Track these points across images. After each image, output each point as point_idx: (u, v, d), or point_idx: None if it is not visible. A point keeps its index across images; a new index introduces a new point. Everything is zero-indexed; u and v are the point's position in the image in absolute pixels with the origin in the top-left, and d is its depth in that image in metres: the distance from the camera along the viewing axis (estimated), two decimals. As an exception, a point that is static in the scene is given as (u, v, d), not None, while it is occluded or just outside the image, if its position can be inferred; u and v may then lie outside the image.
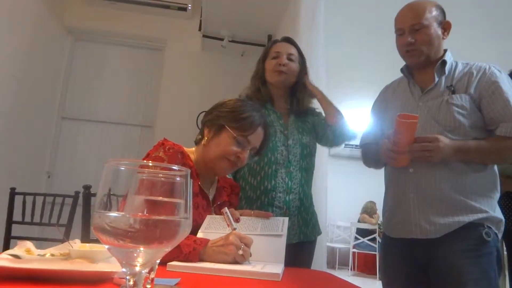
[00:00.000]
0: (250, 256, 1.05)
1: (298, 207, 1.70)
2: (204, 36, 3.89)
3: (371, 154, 1.66)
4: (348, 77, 5.26)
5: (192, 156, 1.32)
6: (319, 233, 1.83)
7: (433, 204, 1.39)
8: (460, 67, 1.50)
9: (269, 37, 3.76)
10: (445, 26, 1.51)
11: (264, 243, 1.15)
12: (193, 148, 1.38)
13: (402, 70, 1.62)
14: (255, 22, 3.62)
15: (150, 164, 0.44)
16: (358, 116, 6.83)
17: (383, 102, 1.69)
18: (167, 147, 1.22)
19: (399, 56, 1.60)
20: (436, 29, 1.48)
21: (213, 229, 1.19)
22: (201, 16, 3.72)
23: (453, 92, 1.44)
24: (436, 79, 1.49)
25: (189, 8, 4.08)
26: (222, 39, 3.82)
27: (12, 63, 3.23)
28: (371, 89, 6.48)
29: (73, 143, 4.06)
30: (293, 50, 1.81)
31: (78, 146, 4.05)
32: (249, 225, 1.23)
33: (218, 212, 1.35)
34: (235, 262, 1.01)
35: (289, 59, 1.78)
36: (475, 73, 1.45)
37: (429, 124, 1.42)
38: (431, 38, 1.46)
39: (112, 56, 4.27)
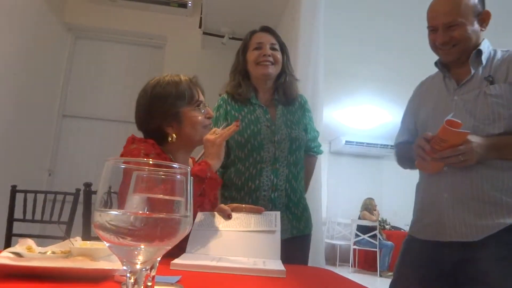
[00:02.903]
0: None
1: (286, 203, 1.66)
2: (204, 33, 3.88)
3: (404, 154, 1.56)
4: (348, 74, 5.25)
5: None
6: (312, 226, 1.78)
7: (470, 204, 1.29)
8: (499, 55, 1.38)
9: (270, 34, 3.75)
10: (484, 17, 1.38)
11: (259, 240, 1.15)
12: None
13: (436, 64, 1.50)
14: (256, 19, 3.59)
15: (151, 162, 0.44)
16: (358, 114, 6.86)
17: (416, 99, 1.59)
18: (139, 141, 1.25)
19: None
20: (473, 24, 1.35)
21: (205, 226, 1.19)
22: (201, 13, 3.71)
23: (492, 83, 1.32)
24: (472, 70, 1.37)
25: (189, 5, 4.07)
26: (222, 36, 3.81)
27: (12, 61, 3.22)
28: (372, 86, 6.50)
29: (74, 140, 4.06)
30: (274, 40, 1.76)
31: (79, 143, 4.06)
32: (241, 221, 1.22)
33: (196, 199, 1.36)
34: (224, 137, 1.30)
35: (273, 49, 1.73)
36: None
37: (464, 119, 1.29)
38: (468, 35, 1.34)
39: (112, 53, 4.27)
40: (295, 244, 1.67)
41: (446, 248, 1.33)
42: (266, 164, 1.65)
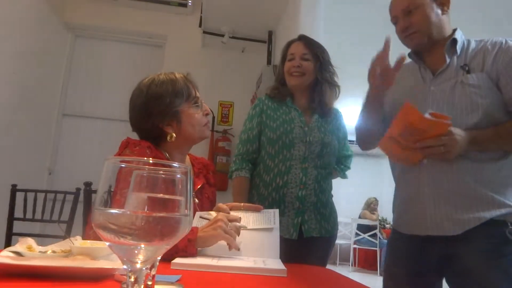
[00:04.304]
0: (241, 228, 1.10)
1: (314, 203, 1.69)
2: (204, 32, 3.88)
3: (364, 130, 1.55)
4: (349, 74, 5.23)
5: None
6: (338, 228, 1.84)
7: (451, 198, 1.27)
8: (473, 44, 1.38)
9: (270, 33, 3.75)
10: (443, 1, 1.39)
11: (259, 238, 1.15)
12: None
13: (409, 55, 1.49)
14: (256, 18, 3.61)
15: (151, 161, 0.44)
16: (358, 113, 6.86)
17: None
18: (133, 145, 1.21)
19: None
20: (432, 6, 1.37)
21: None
22: (201, 12, 3.71)
23: (468, 72, 1.31)
24: (448, 59, 1.37)
25: (189, 4, 4.07)
26: (222, 35, 3.81)
27: (12, 60, 3.22)
28: (372, 85, 6.39)
29: (74, 140, 4.06)
30: (306, 49, 1.79)
31: (79, 143, 4.06)
32: (240, 220, 1.22)
33: (199, 197, 1.37)
34: (226, 238, 1.03)
35: (304, 59, 1.77)
36: (490, 48, 1.32)
37: (441, 109, 1.29)
38: (428, 16, 1.36)
39: (112, 52, 4.26)
40: (320, 243, 1.71)
41: (430, 244, 1.32)
42: (296, 162, 1.69)
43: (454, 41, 1.38)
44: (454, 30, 1.42)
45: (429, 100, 1.36)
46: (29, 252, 0.85)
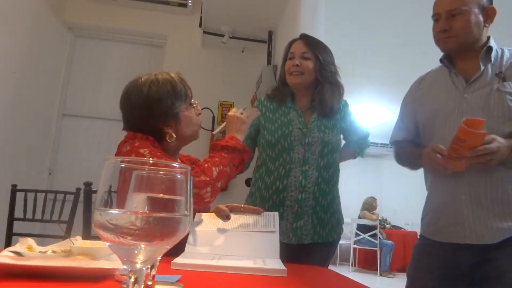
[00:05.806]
0: None
1: (313, 206, 1.66)
2: (204, 32, 3.88)
3: (406, 156, 1.54)
4: (348, 73, 5.23)
5: None
6: (341, 232, 1.77)
7: (490, 206, 1.27)
8: (507, 53, 1.38)
9: (270, 33, 3.75)
10: (489, 13, 1.37)
11: (258, 241, 1.15)
12: None
13: (441, 60, 1.48)
14: (256, 18, 3.60)
15: (151, 161, 0.44)
16: (358, 113, 6.86)
17: (417, 93, 1.55)
18: (140, 137, 1.23)
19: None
20: (477, 15, 1.34)
21: (203, 227, 1.20)
22: (201, 12, 3.71)
23: (504, 80, 1.31)
24: (482, 67, 1.36)
25: (189, 4, 4.07)
26: (222, 35, 3.81)
27: (12, 60, 3.22)
28: (372, 85, 6.50)
29: (74, 140, 4.06)
30: (306, 48, 1.75)
31: (79, 142, 4.05)
32: (240, 222, 1.22)
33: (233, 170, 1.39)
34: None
35: (304, 58, 1.73)
36: None
37: (479, 117, 1.26)
38: (469, 25, 1.34)
39: (112, 52, 4.26)
40: (313, 250, 1.67)
41: (463, 250, 1.31)
42: (295, 165, 1.67)
43: (489, 49, 1.37)
44: (488, 38, 1.40)
45: (463, 107, 1.35)
46: (29, 252, 0.85)
